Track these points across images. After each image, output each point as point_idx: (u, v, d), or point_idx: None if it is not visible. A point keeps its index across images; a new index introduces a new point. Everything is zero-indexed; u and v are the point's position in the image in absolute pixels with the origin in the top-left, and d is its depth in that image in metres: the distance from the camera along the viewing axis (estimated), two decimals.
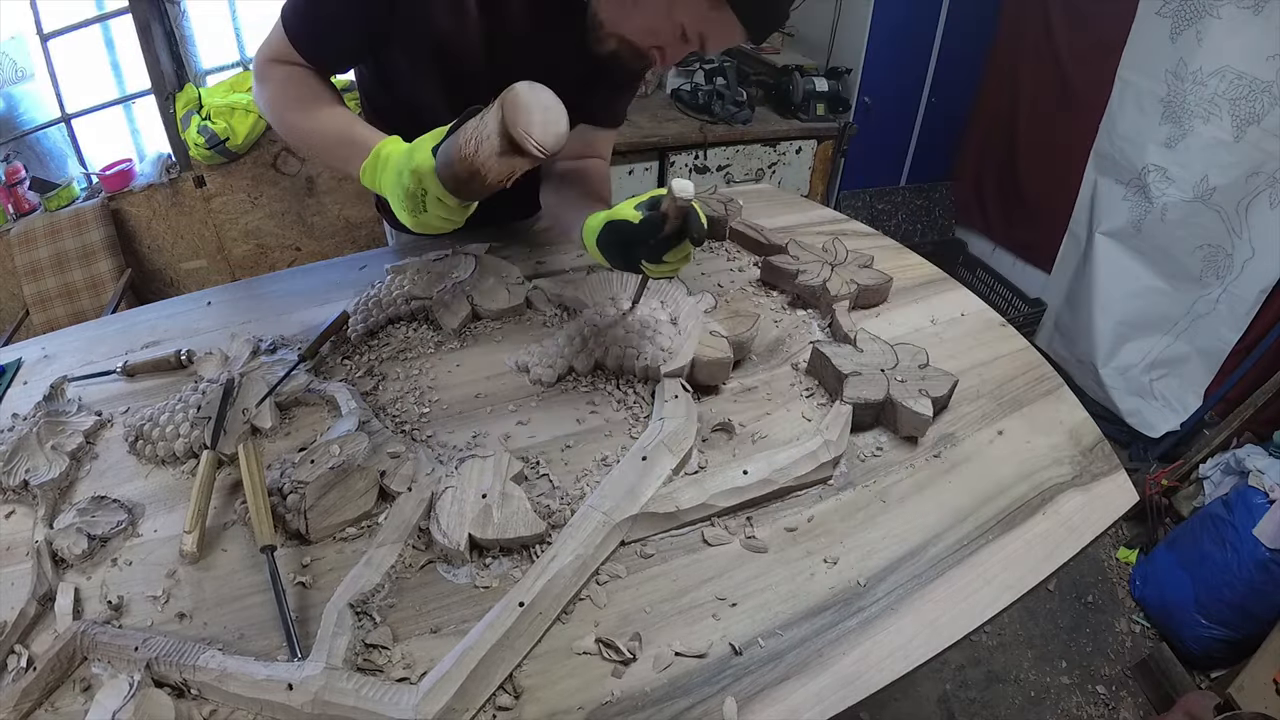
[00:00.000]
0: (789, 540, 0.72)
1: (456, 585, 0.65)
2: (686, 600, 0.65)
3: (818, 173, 2.59)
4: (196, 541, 0.66)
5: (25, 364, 0.99)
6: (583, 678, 0.59)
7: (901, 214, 3.03)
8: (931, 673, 1.73)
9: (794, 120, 2.47)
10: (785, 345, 1.00)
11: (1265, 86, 1.90)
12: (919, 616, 0.65)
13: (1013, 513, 0.76)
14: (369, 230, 2.89)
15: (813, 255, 1.13)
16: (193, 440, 0.79)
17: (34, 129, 2.44)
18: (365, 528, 0.71)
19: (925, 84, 2.84)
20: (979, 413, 0.90)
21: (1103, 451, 0.87)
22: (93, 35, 2.42)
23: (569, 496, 0.73)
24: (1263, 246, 1.99)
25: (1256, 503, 1.70)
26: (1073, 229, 2.58)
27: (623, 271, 0.90)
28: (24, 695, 0.54)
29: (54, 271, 2.34)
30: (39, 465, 0.77)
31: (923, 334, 1.04)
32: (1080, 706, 1.70)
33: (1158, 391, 2.35)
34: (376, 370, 0.93)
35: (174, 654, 0.57)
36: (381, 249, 1.30)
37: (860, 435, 0.85)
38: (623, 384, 0.90)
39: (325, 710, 0.53)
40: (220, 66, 2.62)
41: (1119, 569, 2.06)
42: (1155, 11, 2.14)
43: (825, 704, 0.58)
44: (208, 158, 2.43)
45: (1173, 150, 2.15)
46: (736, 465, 0.75)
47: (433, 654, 0.59)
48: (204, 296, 1.12)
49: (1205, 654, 1.73)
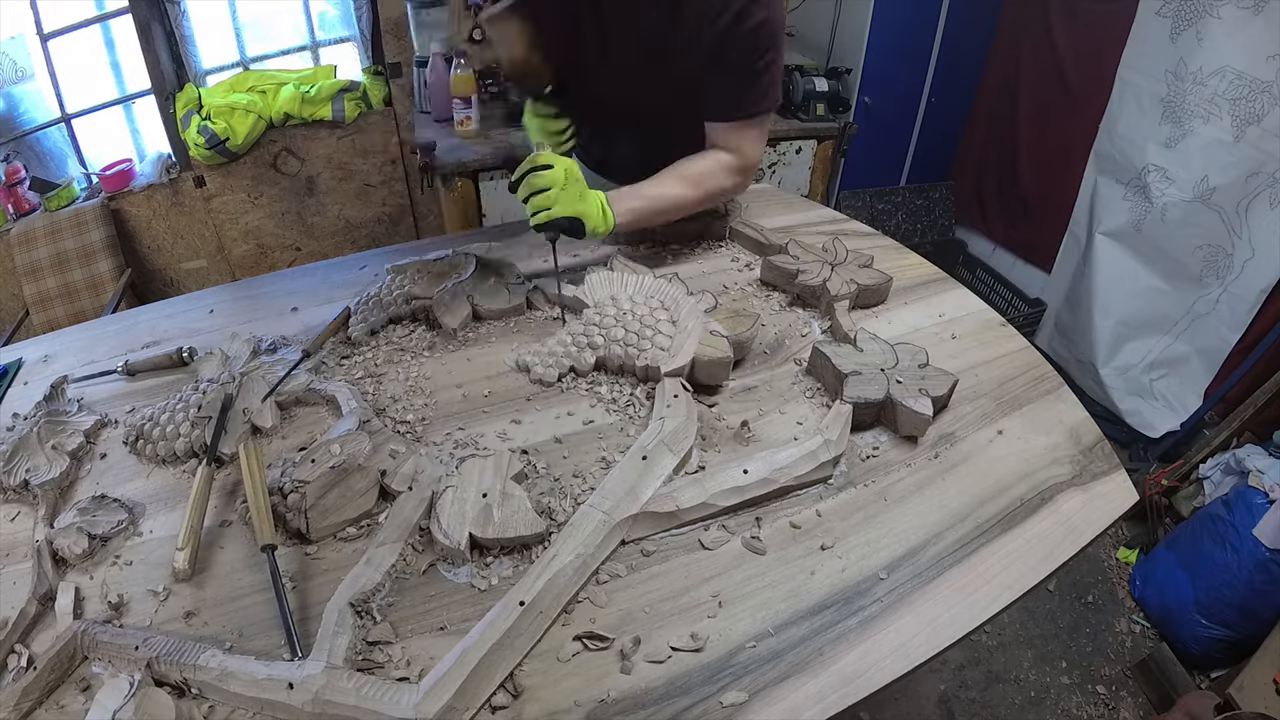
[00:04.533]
0: (789, 539, 0.72)
1: (457, 584, 0.65)
2: (687, 599, 0.65)
3: (818, 173, 2.58)
4: (188, 558, 0.66)
5: (25, 364, 0.99)
6: (583, 677, 0.59)
7: (901, 214, 3.03)
8: (931, 672, 1.73)
9: (794, 120, 2.47)
10: (785, 345, 1.00)
11: (1265, 86, 1.90)
12: (919, 616, 0.65)
13: (1012, 512, 0.76)
14: (369, 230, 2.90)
15: (813, 255, 1.13)
16: (193, 440, 0.79)
17: (34, 129, 2.44)
18: (365, 527, 0.71)
19: (925, 84, 2.83)
20: (979, 412, 0.90)
21: (1103, 451, 0.87)
22: (93, 35, 2.42)
23: (569, 496, 0.73)
24: (1263, 246, 1.99)
25: (1256, 503, 1.70)
26: (1073, 229, 2.57)
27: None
28: (24, 695, 0.54)
29: (54, 271, 2.34)
30: (39, 465, 0.77)
31: (923, 334, 1.04)
32: (1080, 706, 1.69)
33: (1158, 391, 2.35)
34: (376, 370, 0.93)
35: (174, 653, 0.57)
36: (381, 249, 1.30)
37: (860, 435, 0.85)
38: (623, 384, 0.90)
39: (325, 709, 0.53)
40: (220, 66, 2.62)
41: (1119, 569, 2.06)
42: (1155, 11, 2.13)
43: (825, 703, 0.58)
44: (208, 158, 2.43)
45: (1173, 150, 2.15)
46: (736, 465, 0.75)
47: (433, 653, 0.59)
48: (204, 300, 1.12)
49: (1205, 654, 1.72)
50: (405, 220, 2.94)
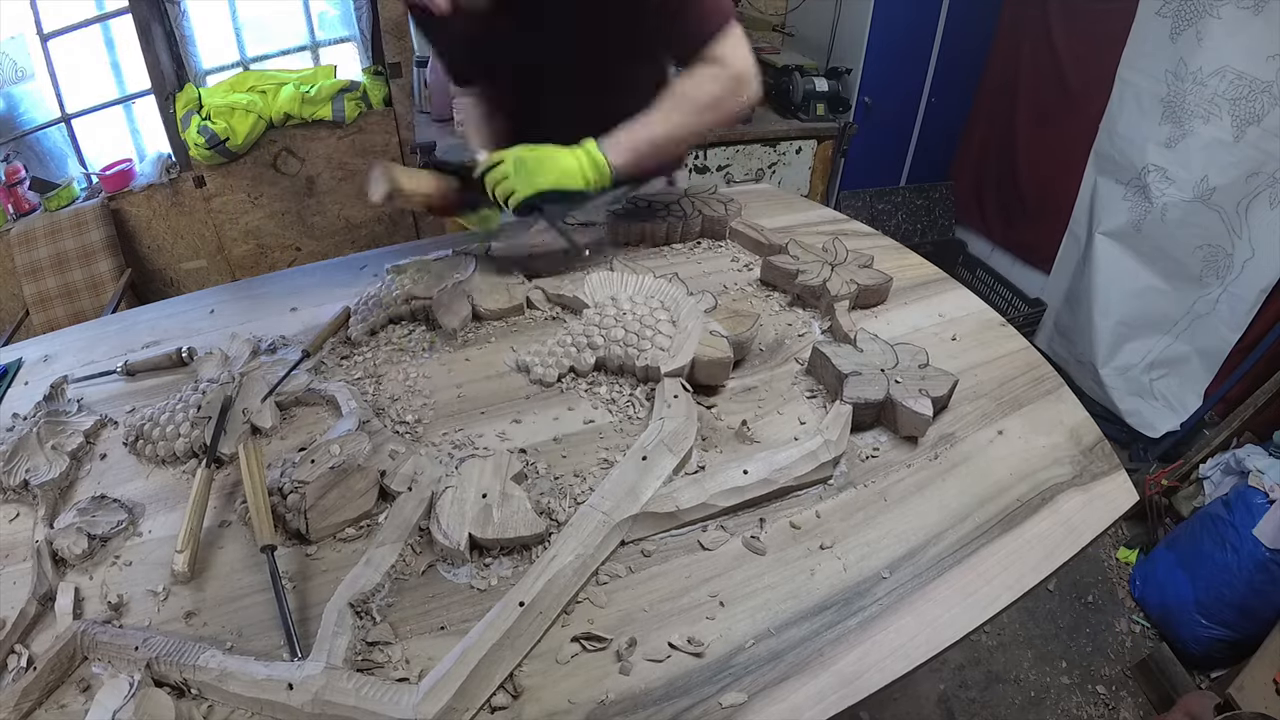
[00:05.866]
0: (789, 540, 0.72)
1: (456, 585, 0.65)
2: (686, 600, 0.65)
3: (818, 173, 2.59)
4: (188, 561, 0.66)
5: (25, 364, 0.99)
6: (582, 677, 0.59)
7: (901, 214, 3.03)
8: (931, 672, 1.73)
9: (794, 120, 2.47)
10: (785, 345, 1.00)
11: (1265, 86, 1.90)
12: (919, 616, 0.65)
13: (1013, 512, 0.76)
14: (369, 230, 2.90)
15: (813, 255, 1.13)
16: (193, 440, 0.79)
17: (34, 129, 2.44)
18: (365, 528, 0.71)
19: (925, 84, 2.84)
20: (979, 413, 0.90)
21: (1103, 451, 0.87)
22: (93, 35, 2.42)
23: (569, 496, 0.73)
24: (1263, 246, 1.99)
25: (1256, 503, 1.70)
26: (1072, 229, 2.57)
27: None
28: (24, 695, 0.54)
29: (54, 271, 2.34)
30: (39, 465, 0.77)
31: (923, 334, 1.04)
32: (1080, 706, 1.69)
33: (1158, 391, 2.35)
34: (376, 370, 0.93)
35: (174, 653, 0.57)
36: (381, 249, 1.30)
37: (860, 435, 0.85)
38: (623, 384, 0.90)
39: (325, 710, 0.53)
40: (220, 66, 2.62)
41: (1119, 569, 2.06)
42: (1155, 11, 2.13)
43: (825, 703, 0.58)
44: (208, 158, 2.43)
45: (1173, 150, 2.15)
46: (736, 465, 0.75)
47: (432, 654, 0.59)
48: (205, 300, 1.12)
49: (1205, 654, 1.72)
50: (405, 220, 2.94)
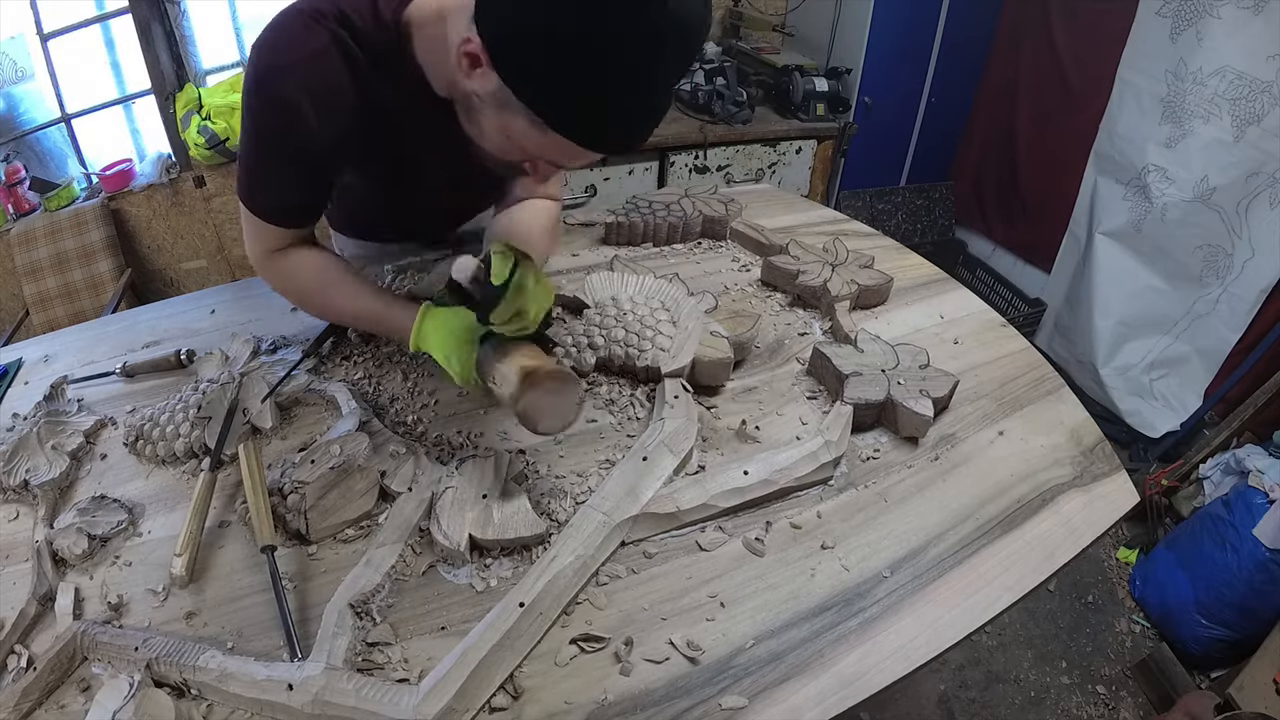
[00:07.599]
0: (789, 540, 0.71)
1: (457, 585, 0.65)
2: (687, 601, 0.65)
3: (818, 173, 2.59)
4: (187, 565, 0.66)
5: (25, 364, 0.99)
6: (582, 678, 0.59)
7: (901, 214, 3.03)
8: (931, 672, 1.73)
9: (794, 120, 2.47)
10: (785, 346, 1.00)
11: (1265, 86, 1.89)
12: (920, 617, 0.65)
13: (1013, 513, 0.76)
14: None
15: (813, 255, 1.12)
16: (192, 440, 0.79)
17: (34, 129, 2.44)
18: (365, 528, 0.71)
19: (925, 84, 2.83)
20: (979, 413, 0.90)
21: (1103, 452, 0.87)
22: (93, 35, 2.41)
23: (569, 497, 0.73)
24: (1263, 246, 1.99)
25: (1256, 503, 1.70)
26: (1072, 229, 2.57)
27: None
28: (24, 695, 0.54)
29: (54, 271, 2.34)
30: (39, 465, 0.77)
31: (923, 334, 1.04)
32: (1080, 706, 1.69)
33: (1158, 391, 2.35)
34: (376, 371, 0.93)
35: (174, 654, 0.57)
36: None
37: (861, 435, 0.85)
38: (623, 384, 0.90)
39: (325, 710, 0.53)
40: (220, 66, 2.62)
41: (1119, 569, 2.06)
42: (1155, 11, 2.13)
43: (826, 704, 0.58)
44: (208, 158, 2.43)
45: (1173, 150, 2.15)
46: (737, 465, 0.75)
47: (432, 654, 0.59)
48: (205, 300, 1.12)
49: (1205, 654, 1.72)
50: None
